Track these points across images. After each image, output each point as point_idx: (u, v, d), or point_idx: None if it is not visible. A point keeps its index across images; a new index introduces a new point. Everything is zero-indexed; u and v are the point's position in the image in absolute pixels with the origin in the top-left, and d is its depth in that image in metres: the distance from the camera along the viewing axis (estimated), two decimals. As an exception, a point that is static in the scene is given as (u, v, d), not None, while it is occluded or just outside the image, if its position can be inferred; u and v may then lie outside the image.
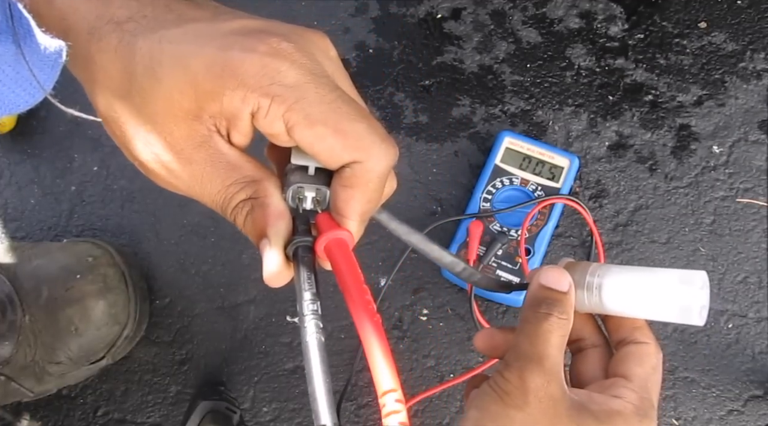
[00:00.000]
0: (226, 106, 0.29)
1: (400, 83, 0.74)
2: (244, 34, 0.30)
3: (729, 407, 0.65)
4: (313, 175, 0.32)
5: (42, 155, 0.73)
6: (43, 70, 0.27)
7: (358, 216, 0.32)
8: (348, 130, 0.29)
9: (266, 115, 0.29)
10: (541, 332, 0.34)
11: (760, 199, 0.69)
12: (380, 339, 0.28)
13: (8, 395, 0.61)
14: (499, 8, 0.76)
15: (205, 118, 0.30)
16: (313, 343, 0.28)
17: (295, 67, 0.29)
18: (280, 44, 0.29)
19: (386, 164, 0.31)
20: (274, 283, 0.32)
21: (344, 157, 0.30)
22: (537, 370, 0.33)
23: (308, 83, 0.29)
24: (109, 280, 0.63)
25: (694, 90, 0.72)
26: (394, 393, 0.27)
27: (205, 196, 0.32)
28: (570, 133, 0.72)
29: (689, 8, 0.75)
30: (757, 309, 0.66)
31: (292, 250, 0.31)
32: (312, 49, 0.31)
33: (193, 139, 0.30)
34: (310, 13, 0.76)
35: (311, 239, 0.31)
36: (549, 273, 0.35)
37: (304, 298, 0.30)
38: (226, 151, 0.31)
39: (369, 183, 0.31)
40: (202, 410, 0.62)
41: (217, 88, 0.29)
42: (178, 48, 0.29)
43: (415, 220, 0.69)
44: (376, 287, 0.68)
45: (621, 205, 0.70)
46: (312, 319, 0.29)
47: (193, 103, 0.29)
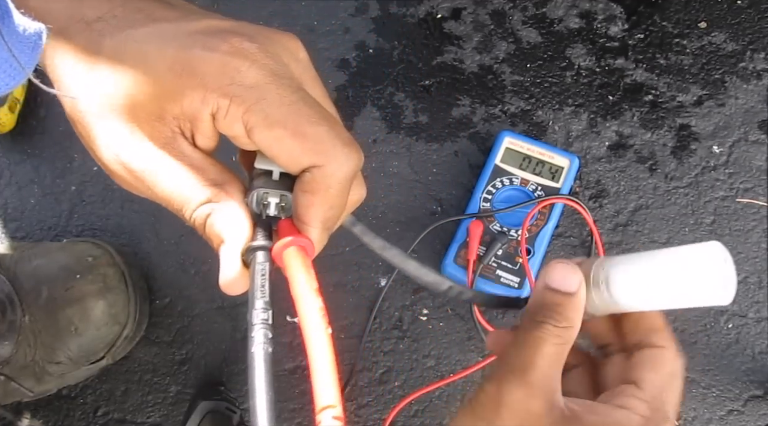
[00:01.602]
0: (186, 107, 0.29)
1: (400, 83, 0.74)
2: (208, 34, 0.29)
3: (729, 407, 0.65)
4: (277, 180, 0.31)
5: (42, 155, 0.73)
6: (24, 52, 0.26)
7: (320, 223, 0.30)
8: (308, 133, 0.29)
9: (225, 115, 0.29)
10: (530, 341, 0.31)
11: (760, 199, 0.69)
12: (328, 353, 0.27)
13: (8, 395, 0.61)
14: (499, 8, 0.76)
15: (169, 119, 0.29)
16: (259, 354, 0.27)
17: (256, 67, 0.29)
18: (242, 44, 0.29)
19: (348, 169, 0.29)
20: (230, 291, 0.31)
21: (303, 160, 0.29)
22: (516, 382, 0.30)
23: (269, 84, 0.29)
24: (109, 280, 0.63)
25: (694, 90, 0.72)
26: (332, 409, 0.26)
27: (165, 199, 0.31)
28: (570, 133, 0.72)
29: (689, 8, 0.75)
30: (757, 309, 0.66)
31: (249, 258, 0.30)
32: (278, 50, 0.30)
33: (156, 140, 0.30)
34: (310, 13, 0.76)
35: (268, 245, 0.30)
36: (557, 270, 0.32)
37: (255, 306, 0.28)
38: (190, 154, 0.30)
39: (329, 189, 0.30)
40: (202, 410, 0.62)
41: (177, 88, 0.28)
42: (141, 47, 0.29)
43: (415, 220, 0.69)
44: (376, 287, 0.68)
45: (621, 205, 0.70)
46: (261, 329, 0.28)
47: (154, 104, 0.29)
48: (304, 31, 0.75)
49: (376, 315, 0.68)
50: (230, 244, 0.30)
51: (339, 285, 0.68)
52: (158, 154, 0.30)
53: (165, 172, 0.30)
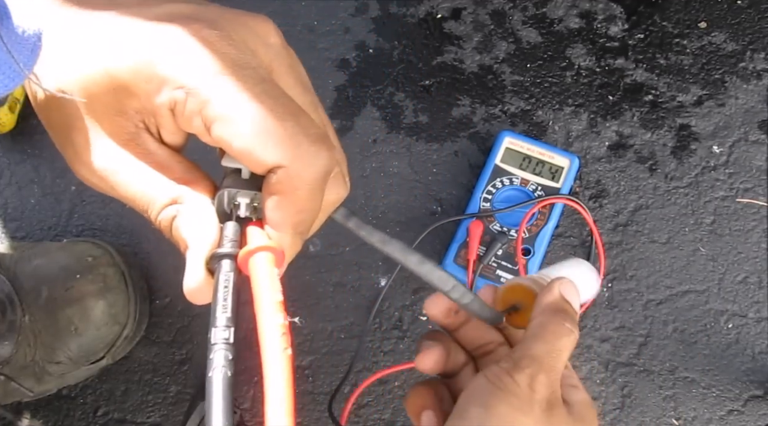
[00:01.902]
0: (144, 101, 0.26)
1: (400, 83, 0.74)
2: (164, 20, 0.27)
3: (729, 407, 0.65)
4: (248, 178, 0.28)
5: (42, 155, 0.73)
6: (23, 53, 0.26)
7: (290, 227, 0.28)
8: (270, 130, 0.26)
9: (183, 110, 0.26)
10: (559, 344, 0.33)
11: (760, 199, 0.69)
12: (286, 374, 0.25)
13: (8, 395, 0.61)
14: (499, 8, 0.76)
15: (131, 113, 0.27)
16: (217, 379, 0.25)
17: (215, 57, 0.26)
18: (200, 31, 0.26)
19: (316, 170, 0.27)
20: (195, 300, 0.29)
21: (265, 159, 0.26)
22: (547, 380, 0.32)
23: (230, 75, 0.26)
24: (109, 280, 0.63)
25: (694, 90, 0.72)
26: None
27: (129, 199, 0.29)
28: (570, 133, 0.72)
29: (689, 8, 0.75)
30: (757, 309, 0.66)
31: (214, 264, 0.28)
32: (244, 36, 0.28)
33: (118, 136, 0.28)
34: (310, 13, 0.76)
35: (234, 251, 0.27)
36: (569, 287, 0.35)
37: (216, 323, 0.26)
38: (155, 151, 0.28)
39: (296, 190, 0.27)
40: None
41: (132, 80, 0.26)
42: (98, 36, 0.27)
43: (415, 220, 0.69)
44: (376, 287, 0.68)
45: (621, 205, 0.70)
46: (221, 350, 0.25)
47: (112, 98, 0.27)
48: (304, 31, 0.75)
49: (376, 315, 0.68)
50: (194, 249, 0.28)
51: (339, 285, 0.68)
52: (120, 151, 0.28)
53: (128, 170, 0.28)
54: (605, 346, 0.66)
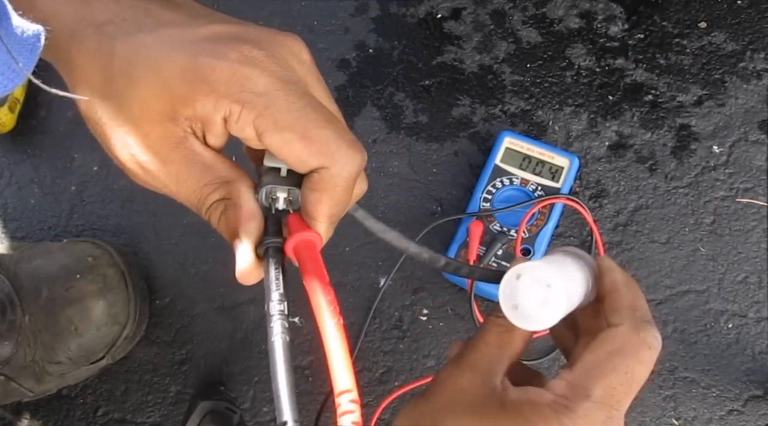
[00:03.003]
0: (199, 110, 0.30)
1: (400, 83, 0.74)
2: (216, 41, 0.31)
3: (729, 407, 0.65)
4: (285, 176, 0.33)
5: (42, 155, 0.73)
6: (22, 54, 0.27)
7: (327, 218, 0.33)
8: (314, 137, 0.30)
9: (237, 120, 0.30)
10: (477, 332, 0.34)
11: (760, 199, 0.69)
12: (341, 340, 0.29)
13: (8, 395, 0.61)
14: (499, 8, 0.76)
15: (181, 120, 0.31)
16: (278, 343, 0.29)
17: (265, 75, 0.30)
18: (251, 52, 0.30)
19: (352, 169, 0.31)
20: (245, 281, 0.33)
21: (311, 162, 0.31)
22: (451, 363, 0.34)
23: (278, 91, 0.30)
24: (109, 280, 0.63)
25: (694, 90, 0.72)
26: (349, 393, 0.28)
27: (181, 195, 0.33)
28: (570, 133, 0.72)
29: (689, 8, 0.75)
30: (757, 309, 0.66)
31: (262, 250, 0.32)
32: (284, 54, 0.32)
33: (169, 140, 0.31)
34: (310, 13, 0.76)
35: (281, 240, 0.32)
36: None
37: (272, 298, 0.30)
38: (201, 153, 0.32)
39: (336, 187, 0.31)
40: (202, 410, 0.62)
41: (189, 93, 0.30)
42: (153, 53, 0.30)
43: (415, 220, 0.69)
44: (376, 287, 0.68)
45: (621, 205, 0.70)
46: (278, 320, 0.30)
47: (167, 107, 0.30)
48: (304, 31, 0.75)
49: (376, 315, 0.68)
50: (244, 238, 0.32)
51: (339, 285, 0.68)
52: (172, 154, 0.31)
53: (179, 171, 0.32)
54: (605, 346, 0.66)
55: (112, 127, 0.32)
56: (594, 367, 0.31)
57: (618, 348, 0.31)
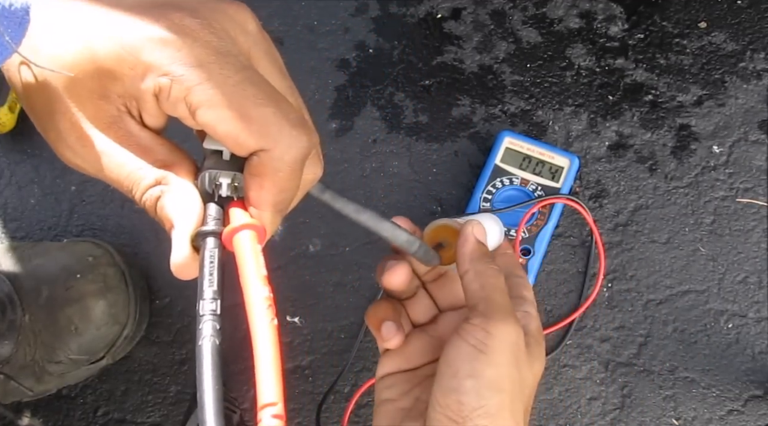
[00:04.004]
0: (128, 86, 0.28)
1: (400, 83, 0.74)
2: (146, 8, 0.28)
3: (729, 407, 0.65)
4: (228, 160, 0.30)
5: (42, 155, 0.73)
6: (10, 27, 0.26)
7: (270, 206, 0.30)
8: (252, 115, 0.27)
9: (168, 96, 0.27)
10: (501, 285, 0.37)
11: (760, 199, 0.69)
12: (273, 344, 0.27)
13: (8, 394, 0.61)
14: (499, 8, 0.76)
15: (113, 97, 0.28)
16: (206, 347, 0.26)
17: (198, 45, 0.27)
18: (183, 20, 0.27)
19: (296, 152, 0.28)
20: (181, 275, 0.30)
21: (249, 143, 0.28)
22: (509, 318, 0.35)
23: (212, 63, 0.27)
24: (109, 279, 0.63)
25: (694, 90, 0.72)
26: (273, 407, 0.25)
27: (114, 180, 0.30)
28: (570, 133, 0.72)
29: (689, 8, 0.75)
30: (757, 309, 0.66)
31: (199, 241, 0.29)
32: (224, 23, 0.29)
33: (101, 119, 0.29)
34: (310, 13, 0.76)
35: (218, 229, 0.29)
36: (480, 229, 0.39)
37: (204, 296, 0.28)
38: (137, 133, 0.29)
39: (278, 172, 0.28)
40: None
41: (117, 67, 0.27)
42: (78, 22, 0.28)
43: (415, 220, 0.69)
44: (376, 287, 0.68)
45: (621, 205, 0.70)
46: (209, 321, 0.27)
47: (95, 82, 0.28)
48: (304, 31, 0.75)
49: (376, 315, 0.68)
50: (180, 227, 0.29)
51: (339, 285, 0.68)
52: (104, 134, 0.29)
53: (112, 152, 0.29)
54: (605, 346, 0.66)
55: (41, 105, 0.29)
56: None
57: None
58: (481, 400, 0.33)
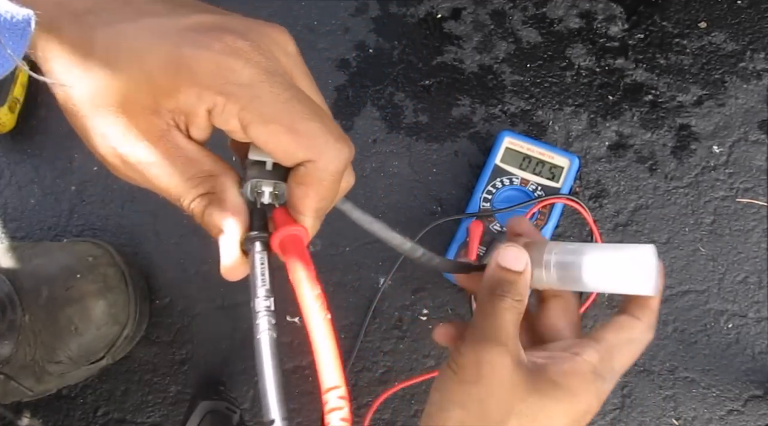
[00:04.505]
0: (182, 103, 0.29)
1: (400, 83, 0.74)
2: (200, 31, 0.30)
3: (729, 407, 0.65)
4: (270, 170, 0.32)
5: (42, 155, 0.73)
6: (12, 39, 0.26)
7: (313, 212, 0.32)
8: (301, 130, 0.30)
9: (221, 112, 0.29)
10: (497, 312, 0.35)
11: (760, 199, 0.69)
12: (330, 336, 0.29)
13: (8, 394, 0.61)
14: (499, 8, 0.76)
15: (164, 112, 0.30)
16: (265, 340, 0.28)
17: (250, 66, 0.29)
18: (235, 42, 0.29)
19: (339, 163, 0.31)
20: (231, 277, 0.32)
21: (298, 155, 0.30)
22: (491, 344, 0.34)
23: (263, 82, 0.29)
24: (109, 279, 0.63)
25: (694, 90, 0.72)
26: (337, 390, 0.28)
27: (163, 190, 0.32)
28: (570, 133, 0.72)
29: (689, 8, 0.75)
30: (757, 309, 0.66)
31: (248, 245, 0.31)
32: (269, 45, 0.31)
33: (152, 133, 0.30)
34: (310, 13, 0.76)
35: (267, 235, 0.32)
36: (507, 253, 0.37)
37: (258, 294, 0.30)
38: (185, 146, 0.31)
39: (323, 181, 0.31)
40: (202, 410, 0.62)
41: (172, 85, 0.29)
42: (134, 44, 0.29)
43: (415, 220, 0.69)
44: (376, 287, 0.68)
45: (621, 205, 0.70)
46: (265, 316, 0.29)
47: (150, 99, 0.30)
48: (304, 31, 0.75)
49: (376, 315, 0.68)
50: (229, 233, 0.32)
51: (339, 285, 0.68)
52: (154, 147, 0.31)
53: (162, 164, 0.31)
54: (605, 346, 0.66)
55: (92, 120, 0.31)
56: (618, 347, 0.37)
57: (634, 339, 0.37)
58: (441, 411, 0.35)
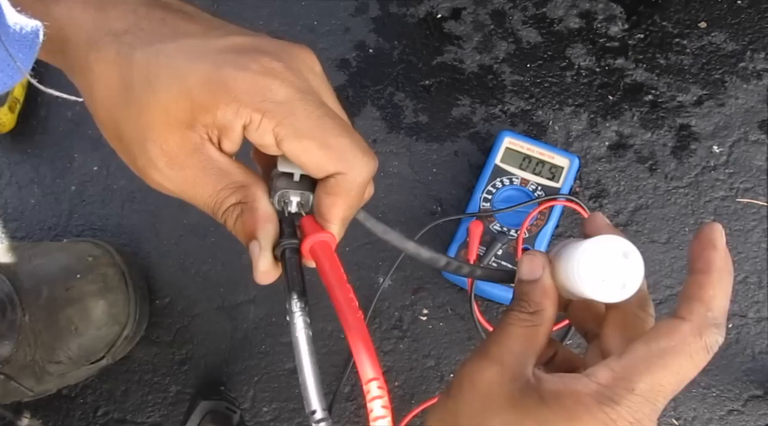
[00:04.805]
0: (219, 118, 0.31)
1: (400, 83, 0.74)
2: (237, 52, 0.32)
3: (729, 407, 0.65)
4: (298, 181, 0.35)
5: (42, 155, 0.73)
6: (21, 51, 0.27)
7: (340, 220, 0.35)
8: (333, 145, 0.32)
9: (257, 128, 0.32)
10: (500, 327, 0.33)
11: (760, 199, 0.69)
12: (363, 333, 0.31)
13: (8, 394, 0.61)
14: (499, 8, 0.76)
15: (198, 127, 0.32)
16: (302, 338, 0.31)
17: (285, 85, 0.32)
18: (271, 63, 0.32)
19: (366, 175, 0.34)
20: (264, 281, 0.35)
21: (329, 168, 0.33)
22: (476, 359, 0.32)
23: (297, 100, 0.32)
24: (109, 279, 0.63)
25: (694, 90, 0.72)
26: (376, 381, 0.30)
27: (198, 200, 0.34)
28: (570, 133, 0.72)
29: (689, 8, 0.75)
30: (757, 309, 0.66)
31: (279, 252, 0.34)
32: (300, 66, 0.34)
33: (186, 146, 0.32)
34: (310, 13, 0.76)
35: (297, 241, 0.34)
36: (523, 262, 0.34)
37: (293, 296, 0.32)
38: (217, 158, 0.33)
39: (351, 192, 0.33)
40: (202, 410, 0.62)
41: (211, 102, 0.31)
42: (174, 62, 0.31)
43: (415, 220, 0.69)
44: (376, 287, 0.68)
45: (621, 205, 0.70)
46: (300, 316, 0.32)
47: (187, 114, 0.31)
48: (304, 31, 0.75)
49: (376, 315, 0.68)
50: (262, 240, 0.34)
51: (339, 285, 0.68)
52: (189, 159, 0.33)
53: (196, 176, 0.33)
54: (605, 346, 0.66)
55: (130, 134, 0.33)
56: (644, 360, 0.29)
57: (675, 346, 0.29)
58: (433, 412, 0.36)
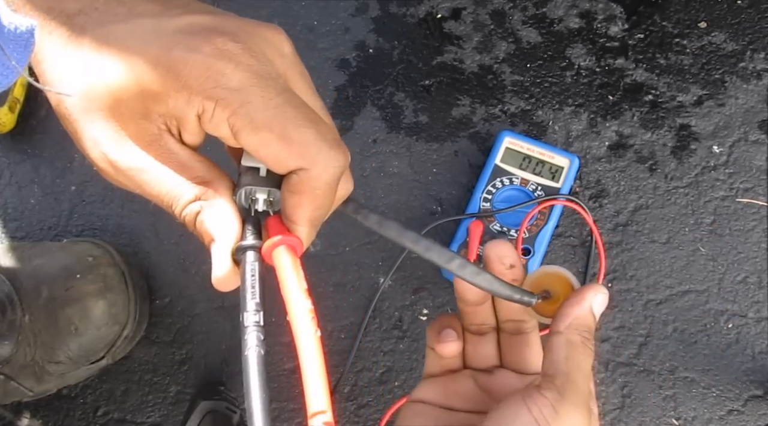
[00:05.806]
0: (171, 107, 0.29)
1: (400, 83, 0.74)
2: (190, 33, 0.29)
3: (729, 407, 0.65)
4: (264, 176, 0.31)
5: (42, 155, 0.73)
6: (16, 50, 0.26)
7: (307, 222, 0.31)
8: (293, 137, 0.28)
9: (211, 118, 0.28)
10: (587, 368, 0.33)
11: (760, 199, 0.69)
12: (318, 355, 0.27)
13: (8, 394, 0.61)
14: (499, 8, 0.76)
15: (154, 117, 0.29)
16: (252, 358, 0.27)
17: (240, 70, 0.28)
18: (225, 45, 0.28)
19: (334, 171, 0.30)
20: (222, 288, 0.31)
21: (290, 163, 0.29)
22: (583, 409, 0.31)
23: (253, 87, 0.28)
24: (109, 279, 0.63)
25: (694, 90, 0.72)
26: (323, 415, 0.26)
27: (154, 196, 0.31)
28: (570, 133, 0.72)
29: (689, 8, 0.75)
30: (757, 309, 0.66)
31: (239, 255, 0.30)
32: (263, 47, 0.30)
33: (143, 138, 0.30)
34: (310, 13, 0.76)
35: (258, 243, 0.30)
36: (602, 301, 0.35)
37: (247, 308, 0.28)
38: (177, 151, 0.30)
39: (317, 190, 0.30)
40: (202, 410, 0.62)
41: (161, 89, 0.28)
42: (124, 45, 0.29)
43: (415, 220, 0.69)
44: (376, 287, 0.68)
45: (621, 205, 0.70)
46: (253, 332, 0.28)
47: (140, 103, 0.29)
48: (304, 31, 0.75)
49: (376, 315, 0.68)
50: (220, 242, 0.30)
51: (339, 285, 0.68)
52: (145, 152, 0.30)
53: (153, 170, 0.30)
54: (605, 346, 0.66)
55: (83, 123, 0.30)
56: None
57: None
58: None
